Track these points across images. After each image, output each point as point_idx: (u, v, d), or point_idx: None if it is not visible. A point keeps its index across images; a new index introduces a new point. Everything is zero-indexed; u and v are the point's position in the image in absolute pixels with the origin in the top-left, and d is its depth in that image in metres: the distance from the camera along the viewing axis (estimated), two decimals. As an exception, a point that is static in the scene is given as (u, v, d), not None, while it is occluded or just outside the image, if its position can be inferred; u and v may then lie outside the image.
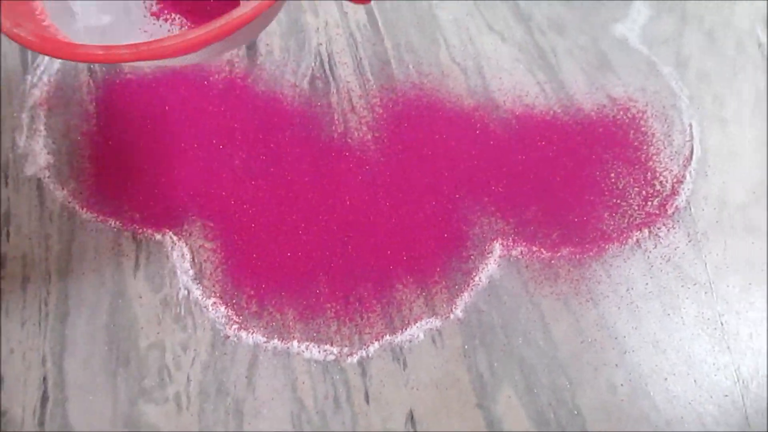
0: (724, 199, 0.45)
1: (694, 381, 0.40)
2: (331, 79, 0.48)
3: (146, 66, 0.46)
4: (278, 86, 0.48)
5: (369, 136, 0.46)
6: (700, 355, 0.40)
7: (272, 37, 0.49)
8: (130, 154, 0.45)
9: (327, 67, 0.48)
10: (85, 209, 0.43)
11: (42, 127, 0.45)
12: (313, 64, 0.49)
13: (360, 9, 0.51)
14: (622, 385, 0.40)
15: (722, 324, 0.41)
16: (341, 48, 0.49)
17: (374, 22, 0.50)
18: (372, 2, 0.51)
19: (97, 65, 0.48)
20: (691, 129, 0.47)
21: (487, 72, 0.49)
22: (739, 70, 0.49)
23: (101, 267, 0.42)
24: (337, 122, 0.46)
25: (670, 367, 0.40)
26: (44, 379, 0.39)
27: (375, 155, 0.45)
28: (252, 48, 0.49)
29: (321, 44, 0.49)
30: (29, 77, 0.47)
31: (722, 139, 0.46)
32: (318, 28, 0.50)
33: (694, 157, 0.46)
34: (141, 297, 0.41)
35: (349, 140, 0.46)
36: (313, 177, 0.44)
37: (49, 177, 0.44)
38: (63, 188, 0.44)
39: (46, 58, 0.48)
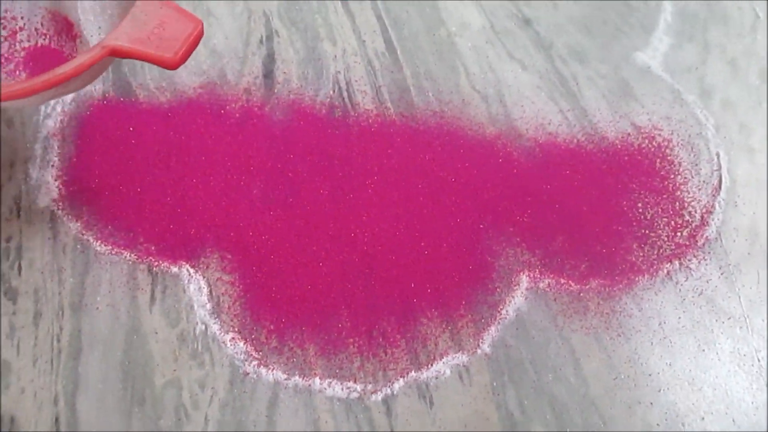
0: (756, 230, 0.43)
1: (733, 420, 0.38)
2: (349, 107, 0.47)
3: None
4: (296, 115, 0.47)
5: (389, 166, 0.45)
6: (738, 393, 0.39)
7: (289, 65, 0.48)
8: (145, 185, 0.44)
9: (345, 95, 0.48)
10: (99, 241, 0.42)
11: (56, 158, 0.44)
12: (331, 92, 0.48)
13: (378, 37, 0.50)
14: (657, 424, 0.38)
15: (759, 360, 0.40)
16: (360, 76, 0.49)
17: (393, 50, 0.50)
18: (390, 31, 0.50)
19: (112, 92, 0.47)
20: (718, 158, 0.46)
21: (509, 100, 0.48)
22: (764, 99, 0.48)
23: (116, 301, 0.40)
24: (356, 151, 0.45)
25: (707, 406, 0.38)
26: (56, 419, 0.37)
27: (396, 185, 0.44)
28: (269, 76, 0.48)
29: (339, 72, 0.48)
30: (43, 108, 0.46)
31: (750, 169, 0.46)
32: (336, 56, 0.49)
33: (722, 186, 0.45)
34: (157, 332, 0.40)
35: (370, 170, 0.45)
36: (333, 207, 0.43)
37: (62, 209, 0.43)
38: (77, 220, 0.43)
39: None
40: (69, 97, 0.47)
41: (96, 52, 0.34)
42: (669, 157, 0.46)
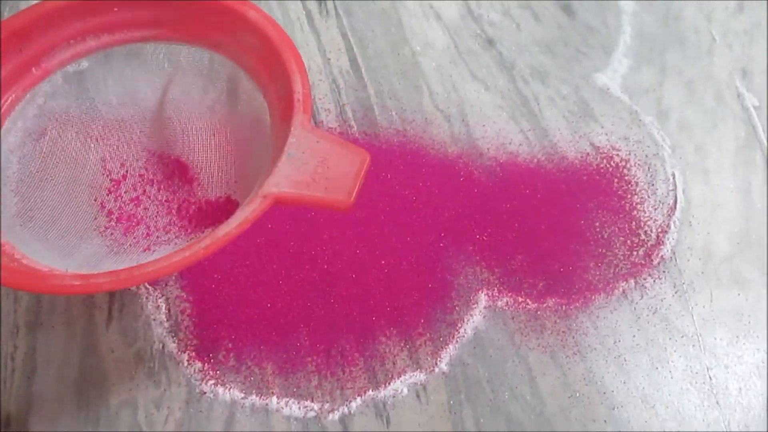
0: (709, 250, 0.44)
1: (685, 437, 0.39)
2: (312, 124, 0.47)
3: None
4: (260, 132, 0.47)
5: (352, 184, 0.45)
6: (690, 410, 0.40)
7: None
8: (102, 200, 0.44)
9: (309, 113, 0.48)
10: (57, 258, 0.42)
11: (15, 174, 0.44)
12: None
13: (343, 55, 0.51)
14: (611, 442, 0.39)
15: (711, 378, 0.41)
16: (324, 94, 0.49)
17: (357, 69, 0.50)
18: (355, 49, 0.51)
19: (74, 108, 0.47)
20: (674, 178, 0.47)
21: (471, 119, 0.48)
22: (719, 121, 0.49)
23: (72, 319, 0.40)
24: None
25: (659, 424, 0.39)
26: (7, 440, 0.37)
27: (357, 203, 0.44)
28: (232, 94, 0.48)
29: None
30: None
31: (705, 189, 0.47)
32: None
33: (678, 206, 0.46)
34: (113, 351, 0.39)
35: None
36: (293, 225, 0.43)
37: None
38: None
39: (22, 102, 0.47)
40: (31, 112, 0.47)
41: (257, 204, 0.30)
42: (626, 177, 0.47)
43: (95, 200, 0.39)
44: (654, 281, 0.43)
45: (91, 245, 0.37)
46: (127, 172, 0.40)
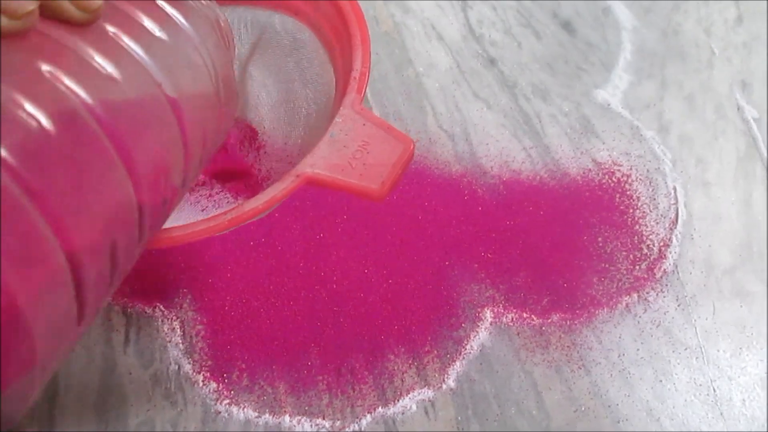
0: (711, 263, 0.45)
1: (689, 449, 0.40)
2: (320, 147, 0.49)
3: None
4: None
5: (358, 205, 0.46)
6: (694, 422, 0.40)
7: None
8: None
9: (317, 135, 0.49)
10: (75, 283, 0.43)
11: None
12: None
13: (348, 78, 0.52)
14: (617, 455, 0.39)
15: (714, 390, 0.41)
16: (330, 117, 0.50)
17: (362, 91, 0.51)
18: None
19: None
20: (675, 192, 0.47)
21: (474, 138, 0.50)
22: (720, 134, 0.50)
23: (91, 343, 0.41)
24: (326, 191, 0.47)
25: (664, 436, 0.40)
26: (31, 461, 0.38)
27: (364, 223, 0.46)
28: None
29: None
30: None
31: (706, 202, 0.47)
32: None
33: (679, 220, 0.46)
34: (131, 373, 0.41)
35: (338, 209, 0.46)
36: (304, 247, 0.45)
37: (39, 251, 0.44)
38: (53, 262, 0.44)
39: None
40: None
41: (289, 182, 0.30)
42: (628, 192, 0.47)
43: None
44: (657, 295, 0.44)
45: None
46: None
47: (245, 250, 0.44)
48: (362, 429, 0.40)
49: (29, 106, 0.20)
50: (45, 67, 0.22)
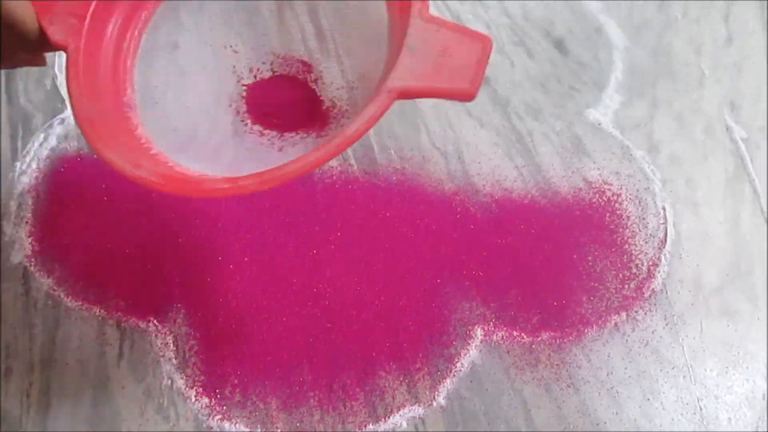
0: (699, 282, 0.46)
1: (676, 468, 0.40)
2: (315, 164, 0.49)
3: None
4: (263, 171, 0.49)
5: (351, 222, 0.47)
6: (681, 441, 0.41)
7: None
8: (116, 242, 0.45)
9: (311, 151, 0.50)
10: (70, 297, 0.44)
11: (29, 215, 0.46)
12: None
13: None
14: (604, 473, 0.40)
15: (701, 409, 0.42)
16: (325, 133, 0.51)
17: (357, 108, 0.52)
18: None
19: (86, 149, 0.49)
20: (664, 212, 0.48)
21: (467, 156, 0.50)
22: (709, 154, 0.51)
23: (85, 357, 0.42)
24: (320, 208, 0.47)
25: (651, 455, 0.40)
26: (23, 476, 0.38)
27: (358, 240, 0.46)
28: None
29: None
30: (18, 164, 0.48)
31: (695, 222, 0.48)
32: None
33: (668, 239, 0.47)
34: (124, 387, 0.41)
35: (333, 225, 0.47)
36: (297, 263, 0.45)
37: (35, 265, 0.44)
38: (49, 276, 0.44)
39: (36, 143, 0.49)
40: (44, 153, 0.49)
41: (383, 99, 0.30)
42: (618, 211, 0.48)
43: (230, 106, 0.39)
44: (645, 314, 0.44)
45: (231, 151, 0.37)
46: (255, 76, 0.40)
47: (239, 266, 0.45)
48: (353, 445, 0.40)
49: None
50: None
